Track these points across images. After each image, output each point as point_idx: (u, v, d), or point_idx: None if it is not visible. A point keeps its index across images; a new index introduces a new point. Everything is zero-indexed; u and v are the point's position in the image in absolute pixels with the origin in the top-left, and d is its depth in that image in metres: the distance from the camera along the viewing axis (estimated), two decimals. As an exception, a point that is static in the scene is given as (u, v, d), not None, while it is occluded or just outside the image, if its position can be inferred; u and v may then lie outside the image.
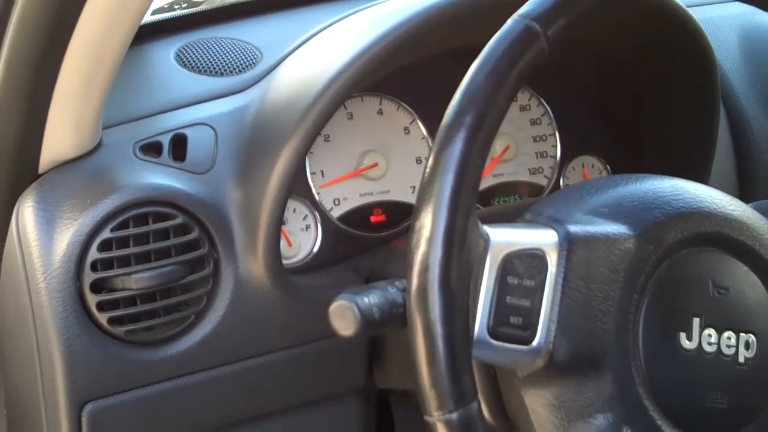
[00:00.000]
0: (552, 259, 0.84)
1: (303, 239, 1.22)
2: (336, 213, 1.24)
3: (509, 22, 0.81)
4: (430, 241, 0.76)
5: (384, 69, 1.12)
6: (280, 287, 1.10)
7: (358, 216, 1.26)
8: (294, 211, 1.21)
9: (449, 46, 1.21)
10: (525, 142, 1.37)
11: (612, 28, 1.23)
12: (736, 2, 1.04)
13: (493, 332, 0.82)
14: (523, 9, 0.82)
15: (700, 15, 1.24)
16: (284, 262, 1.13)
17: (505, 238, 0.83)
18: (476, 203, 0.79)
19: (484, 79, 0.79)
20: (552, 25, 0.81)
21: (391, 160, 1.27)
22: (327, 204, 1.24)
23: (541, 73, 0.83)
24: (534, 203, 0.94)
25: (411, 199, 1.28)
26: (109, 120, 1.09)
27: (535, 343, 0.83)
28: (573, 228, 0.86)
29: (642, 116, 1.37)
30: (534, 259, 0.84)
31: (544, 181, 1.38)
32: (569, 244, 0.85)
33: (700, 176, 1.32)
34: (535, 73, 0.82)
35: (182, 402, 1.09)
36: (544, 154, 1.38)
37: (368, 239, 1.25)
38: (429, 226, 0.76)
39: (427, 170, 0.78)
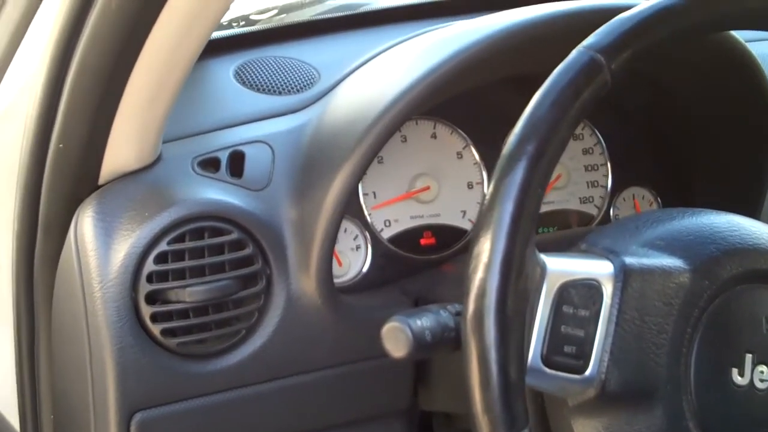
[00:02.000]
0: (607, 290, 0.84)
1: (353, 259, 1.23)
2: (386, 234, 1.25)
3: (574, 53, 0.82)
4: (488, 267, 0.76)
5: (443, 95, 1.13)
6: (331, 306, 1.11)
7: (408, 238, 1.26)
8: (345, 230, 1.22)
9: (508, 74, 1.21)
10: (576, 171, 1.37)
11: (669, 61, 1.24)
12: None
13: (546, 360, 0.83)
14: (588, 41, 0.83)
15: (757, 50, 1.24)
16: (334, 281, 1.13)
17: (561, 267, 0.84)
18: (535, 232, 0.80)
19: (547, 109, 0.79)
20: (616, 58, 0.82)
21: (442, 184, 1.28)
22: (378, 225, 1.24)
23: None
24: (588, 233, 0.94)
25: (461, 223, 1.29)
26: (169, 134, 1.11)
27: (587, 372, 0.84)
28: (629, 260, 0.86)
29: (695, 149, 1.37)
30: (589, 289, 0.84)
31: (594, 211, 1.38)
32: (625, 276, 0.85)
33: (752, 212, 1.31)
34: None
35: (230, 415, 1.10)
36: (595, 184, 1.38)
37: (417, 262, 1.26)
38: (487, 253, 0.77)
39: (488, 197, 0.78)
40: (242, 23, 1.43)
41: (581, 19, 1.13)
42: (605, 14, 0.88)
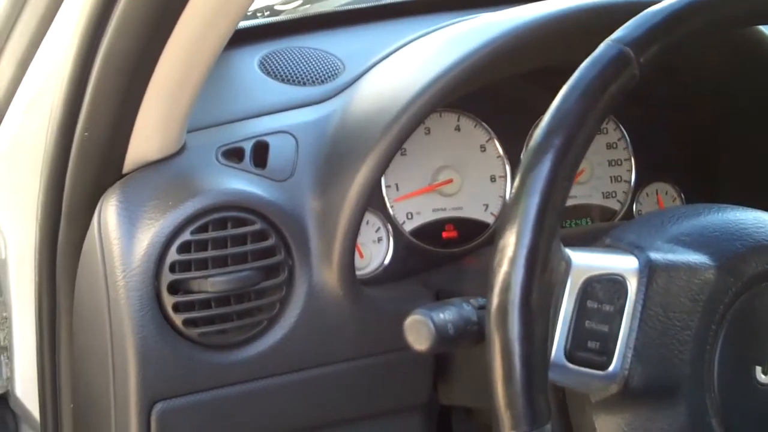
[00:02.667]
0: (632, 286, 0.84)
1: (375, 251, 1.23)
2: (408, 227, 1.25)
3: (602, 46, 0.82)
4: (513, 261, 0.76)
5: (468, 87, 1.13)
6: (352, 297, 1.11)
7: (430, 231, 1.26)
8: (367, 223, 1.22)
9: (533, 67, 1.21)
10: (600, 166, 1.37)
11: (695, 55, 1.23)
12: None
13: (569, 356, 0.83)
14: (617, 34, 0.82)
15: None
16: (356, 273, 1.13)
17: (586, 262, 0.83)
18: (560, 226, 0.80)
19: (575, 102, 0.79)
20: (645, 52, 0.81)
21: (465, 177, 1.28)
22: (400, 217, 1.24)
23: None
24: (613, 228, 0.93)
25: (484, 216, 1.28)
26: (194, 124, 1.11)
27: (610, 368, 0.83)
28: (654, 255, 0.86)
29: (719, 145, 1.36)
30: (614, 284, 0.84)
31: (617, 206, 1.37)
32: (650, 271, 0.85)
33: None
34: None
35: (250, 406, 1.10)
36: (619, 179, 1.37)
37: (439, 255, 1.26)
38: (512, 246, 0.76)
39: (514, 190, 0.78)
40: (267, 13, 1.43)
41: (608, 12, 1.12)
42: (633, 8, 0.88)
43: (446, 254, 1.26)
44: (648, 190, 1.40)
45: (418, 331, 0.85)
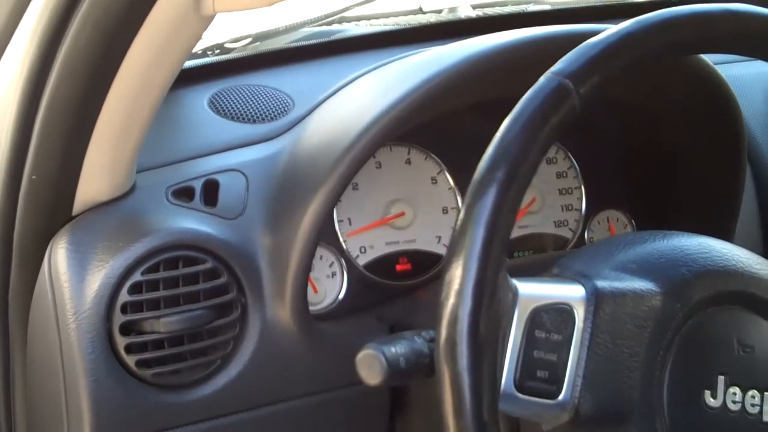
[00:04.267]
0: (579, 314, 0.85)
1: (329, 286, 1.23)
2: (362, 261, 1.25)
3: (542, 79, 0.83)
4: (460, 293, 0.76)
5: (416, 120, 1.14)
6: (306, 333, 1.11)
7: (383, 264, 1.26)
8: (320, 258, 1.22)
9: (480, 99, 1.22)
10: (551, 195, 1.38)
11: (640, 85, 1.25)
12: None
13: (519, 386, 0.83)
14: (557, 66, 0.83)
15: (726, 73, 1.25)
16: (310, 308, 1.13)
17: (533, 292, 0.84)
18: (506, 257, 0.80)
19: (516, 135, 0.80)
20: (584, 83, 0.82)
21: (417, 210, 1.28)
22: (353, 252, 1.25)
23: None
24: (561, 257, 0.94)
25: (437, 248, 1.29)
26: (143, 164, 1.11)
27: (561, 397, 0.84)
28: (600, 283, 0.86)
29: (668, 172, 1.37)
30: (561, 313, 0.84)
31: (569, 234, 1.38)
32: (596, 300, 0.85)
33: (725, 234, 1.32)
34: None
35: (205, 446, 1.10)
36: (570, 207, 1.39)
37: (393, 288, 1.26)
38: (459, 279, 0.77)
39: (459, 223, 0.79)
40: (216, 51, 1.44)
41: (551, 44, 1.14)
42: (575, 39, 0.88)
43: (401, 287, 1.27)
44: (599, 217, 1.41)
45: (370, 365, 0.85)
